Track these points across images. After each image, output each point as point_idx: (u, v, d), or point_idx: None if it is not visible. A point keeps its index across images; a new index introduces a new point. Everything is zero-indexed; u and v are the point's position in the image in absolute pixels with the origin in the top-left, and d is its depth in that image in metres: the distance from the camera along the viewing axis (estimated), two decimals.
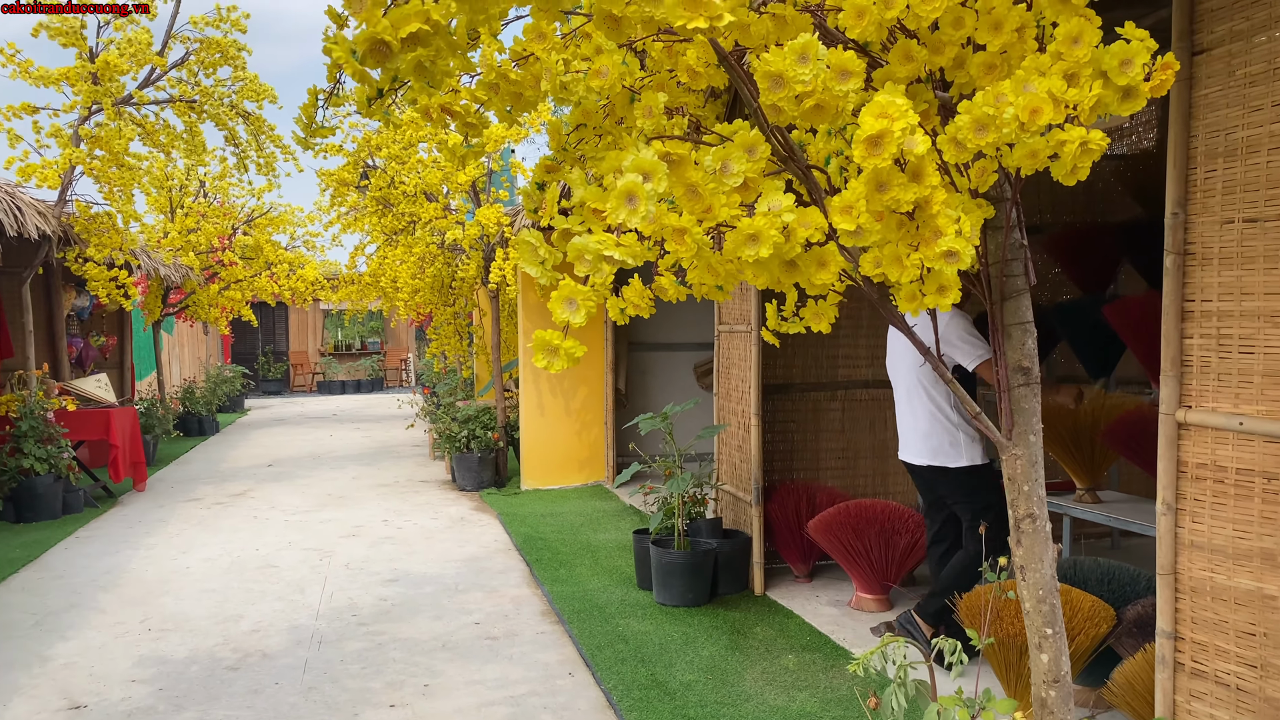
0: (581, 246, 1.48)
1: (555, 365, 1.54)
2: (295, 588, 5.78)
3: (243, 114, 9.37)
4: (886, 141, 1.45)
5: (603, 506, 8.22)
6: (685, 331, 9.81)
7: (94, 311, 13.39)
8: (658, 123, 1.68)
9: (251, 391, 23.13)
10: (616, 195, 1.44)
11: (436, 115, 1.78)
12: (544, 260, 1.61)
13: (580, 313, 1.52)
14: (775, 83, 1.53)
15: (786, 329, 2.11)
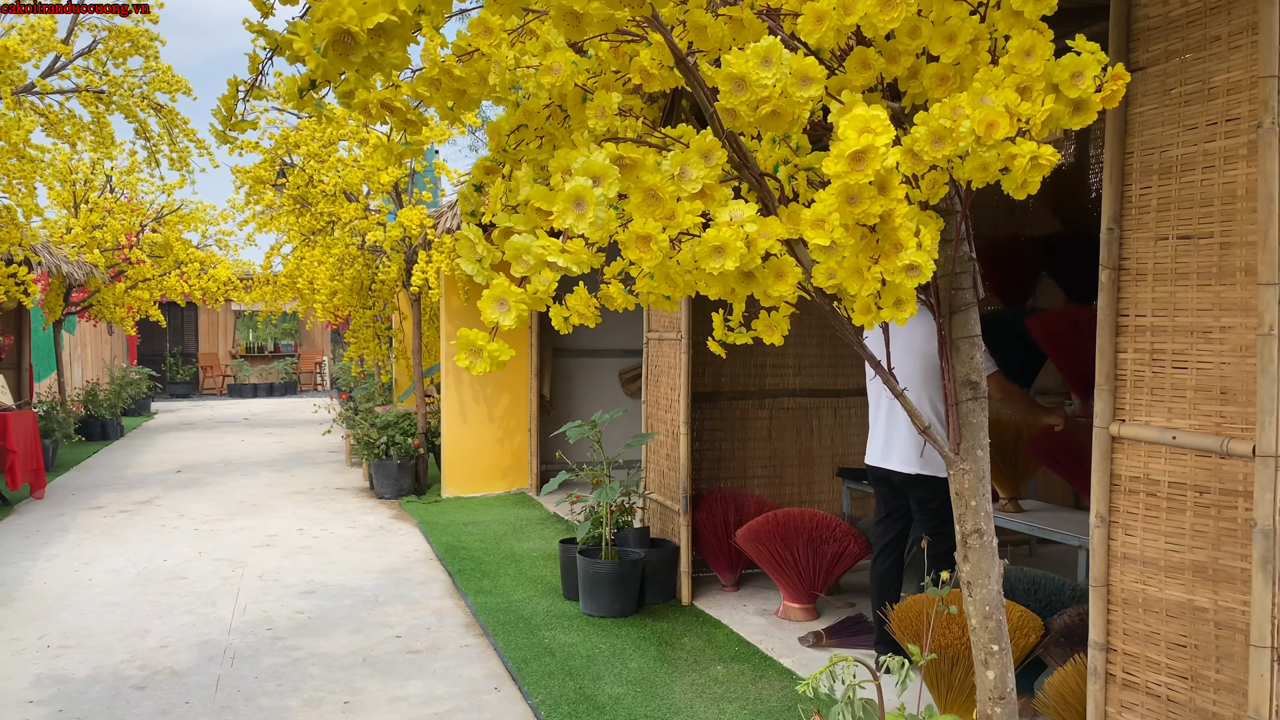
0: (521, 247, 1.41)
1: (478, 367, 1.47)
2: (206, 600, 5.55)
3: (155, 106, 9.02)
4: (871, 157, 1.41)
5: (526, 515, 8.10)
6: (611, 338, 9.75)
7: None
8: (610, 123, 1.62)
9: (158, 394, 22.34)
10: (564, 198, 1.38)
11: (376, 111, 1.69)
12: (482, 259, 1.53)
13: (512, 315, 1.45)
14: (738, 85, 1.48)
15: (734, 339, 2.06)
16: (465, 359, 1.47)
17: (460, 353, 1.48)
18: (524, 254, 1.39)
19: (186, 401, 22.45)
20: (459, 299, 8.96)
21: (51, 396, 13.44)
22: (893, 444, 4.21)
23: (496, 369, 1.45)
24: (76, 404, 14.06)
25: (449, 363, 9.08)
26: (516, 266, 1.41)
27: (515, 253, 1.40)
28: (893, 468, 4.21)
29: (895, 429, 4.20)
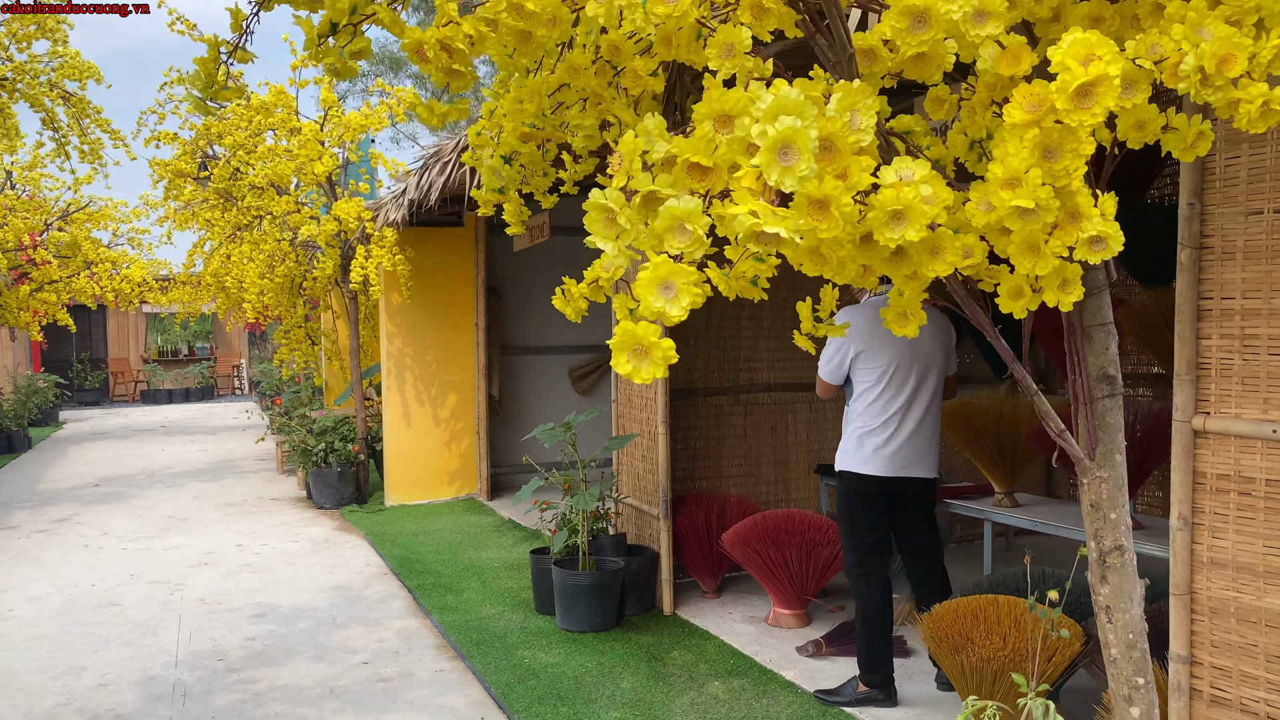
0: (684, 213, 1.09)
1: (644, 373, 1.15)
2: (145, 629, 5.06)
3: (64, 94, 8.37)
4: (1102, 91, 1.12)
5: (479, 522, 7.72)
6: (559, 334, 9.40)
7: None
8: (740, 64, 1.30)
9: (67, 403, 21.23)
10: (769, 147, 1.06)
11: (434, 53, 1.35)
12: (624, 230, 1.20)
13: (682, 300, 1.13)
14: (917, 22, 1.18)
15: (823, 332, 1.77)
16: (626, 364, 1.14)
17: (619, 357, 1.15)
18: (688, 222, 1.07)
19: (97, 409, 21.36)
20: (399, 296, 8.52)
21: None
22: (917, 451, 3.91)
23: (662, 374, 1.13)
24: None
25: (390, 363, 8.64)
26: (672, 240, 1.09)
27: (673, 222, 1.08)
28: (917, 474, 3.91)
29: (919, 436, 3.91)
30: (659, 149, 1.17)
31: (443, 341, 8.75)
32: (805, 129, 1.04)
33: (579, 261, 7.46)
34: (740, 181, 1.08)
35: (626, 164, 1.20)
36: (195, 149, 9.61)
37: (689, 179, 1.14)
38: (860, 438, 3.91)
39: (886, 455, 3.86)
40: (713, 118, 1.11)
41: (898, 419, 3.87)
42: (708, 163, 1.11)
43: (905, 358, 3.88)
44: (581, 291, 1.66)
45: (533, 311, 9.31)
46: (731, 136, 1.09)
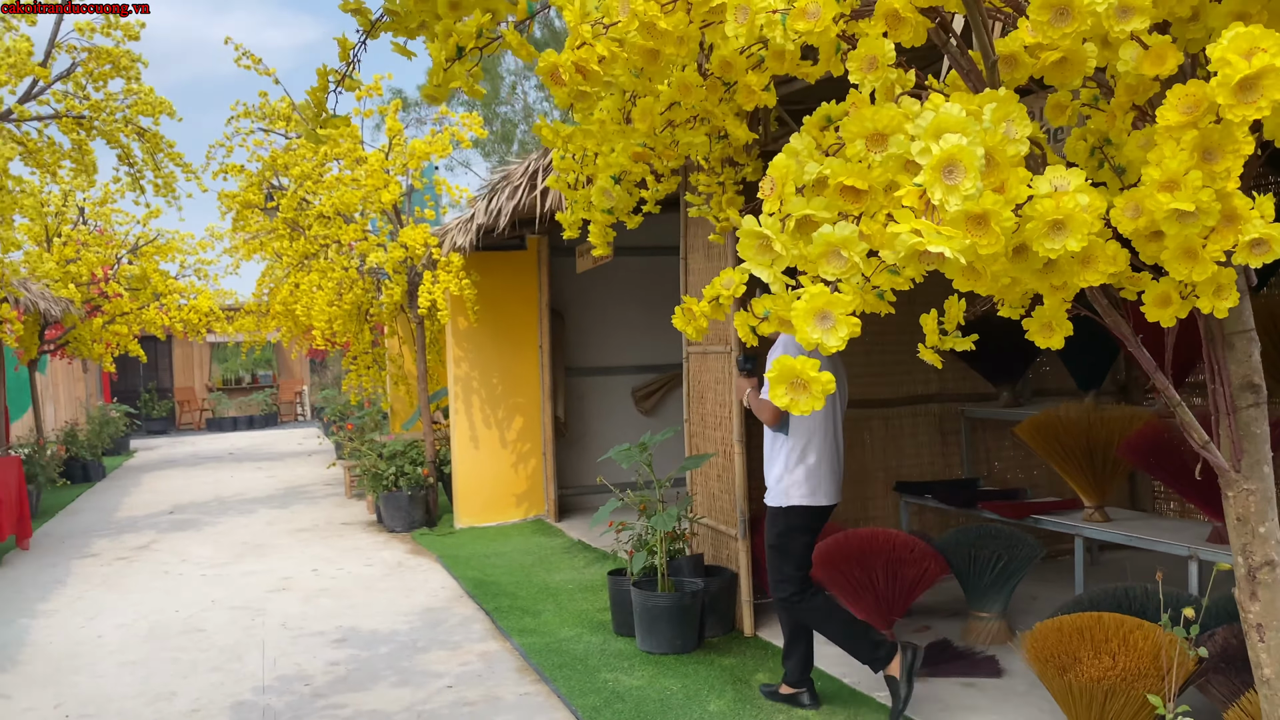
0: (840, 240, 1.07)
1: (802, 405, 1.12)
2: (231, 655, 5.12)
3: (138, 130, 8.60)
4: (1268, 85, 1.08)
5: (549, 543, 7.72)
6: (621, 354, 9.40)
7: None
8: (883, 76, 1.28)
9: (136, 432, 21.71)
10: (934, 166, 1.03)
11: (570, 76, 1.35)
12: (778, 257, 1.18)
13: (840, 330, 1.10)
14: (1059, 15, 1.15)
15: (950, 345, 1.73)
16: (784, 396, 1.12)
17: (776, 388, 1.13)
18: (843, 248, 1.05)
19: (165, 438, 21.83)
20: (465, 320, 8.58)
21: (30, 439, 12.87)
22: (835, 478, 4.09)
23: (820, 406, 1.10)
24: (59, 446, 13.50)
25: (457, 386, 8.70)
26: (825, 265, 1.07)
27: (828, 248, 1.06)
28: (836, 501, 4.11)
29: (834, 461, 4.08)
30: (810, 170, 1.15)
31: (508, 364, 8.79)
32: (971, 147, 1.01)
33: (640, 282, 7.52)
34: (901, 201, 1.05)
35: (779, 188, 1.17)
36: (262, 180, 9.81)
37: (842, 201, 1.11)
38: (810, 469, 4.01)
39: (833, 483, 4.06)
40: (864, 136, 1.09)
41: (836, 446, 4.08)
42: (862, 185, 1.08)
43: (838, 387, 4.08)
44: (703, 310, 1.64)
45: (595, 332, 9.33)
46: (888, 155, 1.06)
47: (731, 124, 1.74)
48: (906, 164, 1.04)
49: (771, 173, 1.17)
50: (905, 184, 1.04)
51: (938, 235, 1.03)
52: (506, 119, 26.73)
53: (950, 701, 4.02)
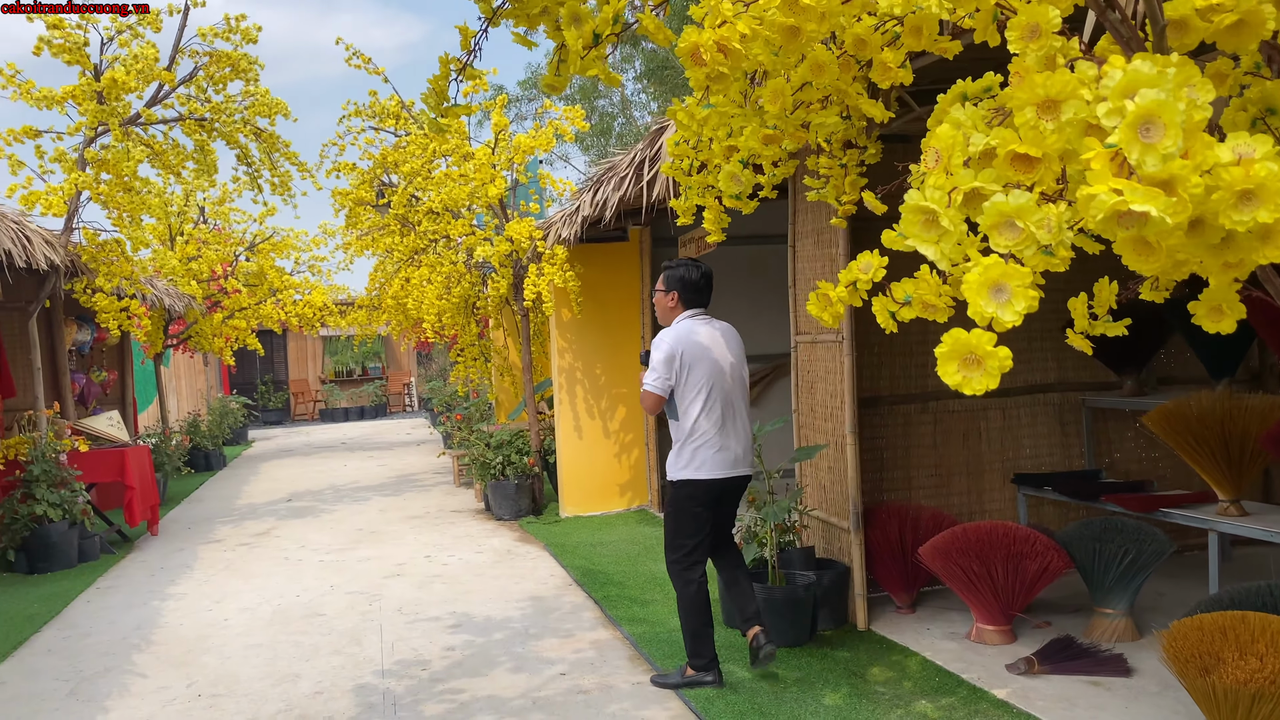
0: (1013, 209, 1.01)
1: (975, 383, 1.08)
2: (350, 639, 5.27)
3: (255, 131, 8.90)
4: None
5: (654, 533, 7.73)
6: None
7: (94, 346, 12.85)
8: (1047, 45, 1.22)
9: (253, 422, 22.56)
10: (1130, 123, 0.97)
11: (711, 54, 1.32)
12: (945, 233, 1.13)
13: (1017, 304, 1.05)
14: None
15: (1100, 331, 1.64)
16: (955, 374, 1.08)
17: (947, 365, 1.09)
18: (1018, 218, 1.00)
19: (280, 428, 22.63)
20: (569, 311, 8.64)
21: (156, 429, 13.48)
22: (746, 451, 4.36)
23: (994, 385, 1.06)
24: (184, 436, 14.11)
25: (561, 377, 8.77)
26: (999, 237, 1.02)
27: (1001, 218, 1.01)
28: (742, 472, 4.35)
29: (741, 437, 4.34)
30: (977, 141, 1.10)
31: (611, 355, 8.83)
32: (1171, 101, 0.94)
33: (742, 272, 7.46)
34: (1092, 165, 0.99)
35: (946, 159, 1.13)
36: (373, 178, 10.04)
37: (1012, 172, 1.06)
38: (696, 448, 4.24)
39: (726, 458, 4.26)
40: (1035, 104, 1.03)
41: (729, 422, 4.28)
42: (1036, 153, 1.03)
43: (718, 369, 4.28)
44: (840, 295, 1.60)
45: None
46: (1066, 121, 1.01)
47: (865, 104, 1.69)
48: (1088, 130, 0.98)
49: (935, 144, 1.12)
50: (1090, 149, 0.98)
51: (1141, 194, 0.96)
52: (604, 112, 26.88)
53: (1077, 700, 3.88)
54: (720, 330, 4.42)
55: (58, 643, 5.49)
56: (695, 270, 4.38)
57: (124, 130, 7.72)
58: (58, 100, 7.50)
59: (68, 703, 4.48)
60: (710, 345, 4.30)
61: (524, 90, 28.27)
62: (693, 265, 4.39)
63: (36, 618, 6.01)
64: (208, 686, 4.60)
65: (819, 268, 5.15)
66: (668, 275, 4.40)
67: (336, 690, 4.46)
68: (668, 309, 4.42)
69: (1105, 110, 0.97)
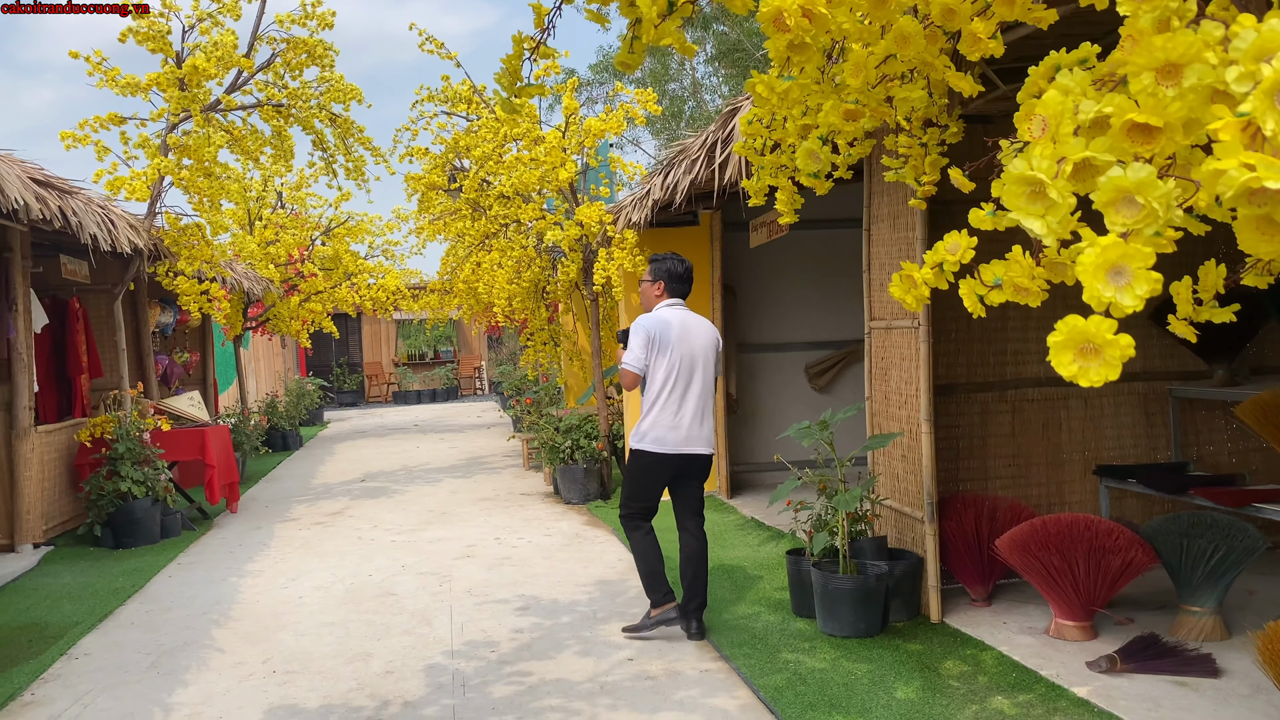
0: (1132, 184, 0.94)
1: (1093, 374, 1.01)
2: (421, 619, 5.33)
3: (330, 116, 9.02)
4: None
5: (722, 520, 7.68)
6: (794, 331, 9.24)
7: (177, 328, 13.20)
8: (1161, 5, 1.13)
9: (329, 404, 23.02)
10: (1265, 90, 0.90)
11: (795, 20, 1.26)
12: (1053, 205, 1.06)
13: (1138, 288, 0.98)
14: None
15: (1205, 317, 1.55)
16: (1070, 364, 1.01)
17: (1061, 355, 1.02)
18: (1138, 193, 0.92)
19: (355, 410, 23.06)
20: (639, 297, 8.59)
21: (235, 410, 13.82)
22: (703, 430, 4.79)
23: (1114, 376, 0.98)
24: (262, 416, 14.44)
25: None
26: (1116, 215, 0.95)
27: (1118, 194, 0.94)
28: (698, 450, 4.78)
29: (705, 416, 4.81)
30: (1087, 109, 1.02)
31: None
32: None
33: (814, 256, 7.35)
34: (1220, 135, 0.91)
35: (1054, 127, 1.05)
36: (445, 163, 10.12)
37: (1129, 142, 0.98)
38: (653, 423, 4.75)
39: (675, 436, 4.72)
40: (1154, 69, 0.95)
41: (685, 405, 4.72)
42: (1157, 122, 0.95)
43: (687, 356, 4.75)
44: (925, 277, 1.53)
45: (767, 308, 9.20)
46: (1191, 86, 0.93)
47: (953, 77, 1.61)
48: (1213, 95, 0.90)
49: (1041, 111, 1.04)
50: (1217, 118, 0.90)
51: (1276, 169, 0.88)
52: (675, 95, 26.73)
53: (1162, 701, 3.74)
54: (694, 321, 4.91)
55: (140, 616, 5.65)
56: (680, 264, 4.97)
57: (205, 116, 7.88)
58: (142, 87, 7.68)
59: (149, 675, 4.60)
60: (683, 333, 4.79)
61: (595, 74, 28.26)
62: (678, 260, 4.98)
63: (121, 591, 6.19)
64: (282, 663, 4.69)
65: (895, 252, 5.03)
66: (655, 267, 4.98)
67: (407, 670, 4.51)
68: (653, 297, 4.99)
69: (1236, 75, 0.88)
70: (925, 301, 1.60)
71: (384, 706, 4.08)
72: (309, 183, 13.72)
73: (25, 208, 5.43)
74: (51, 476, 7.86)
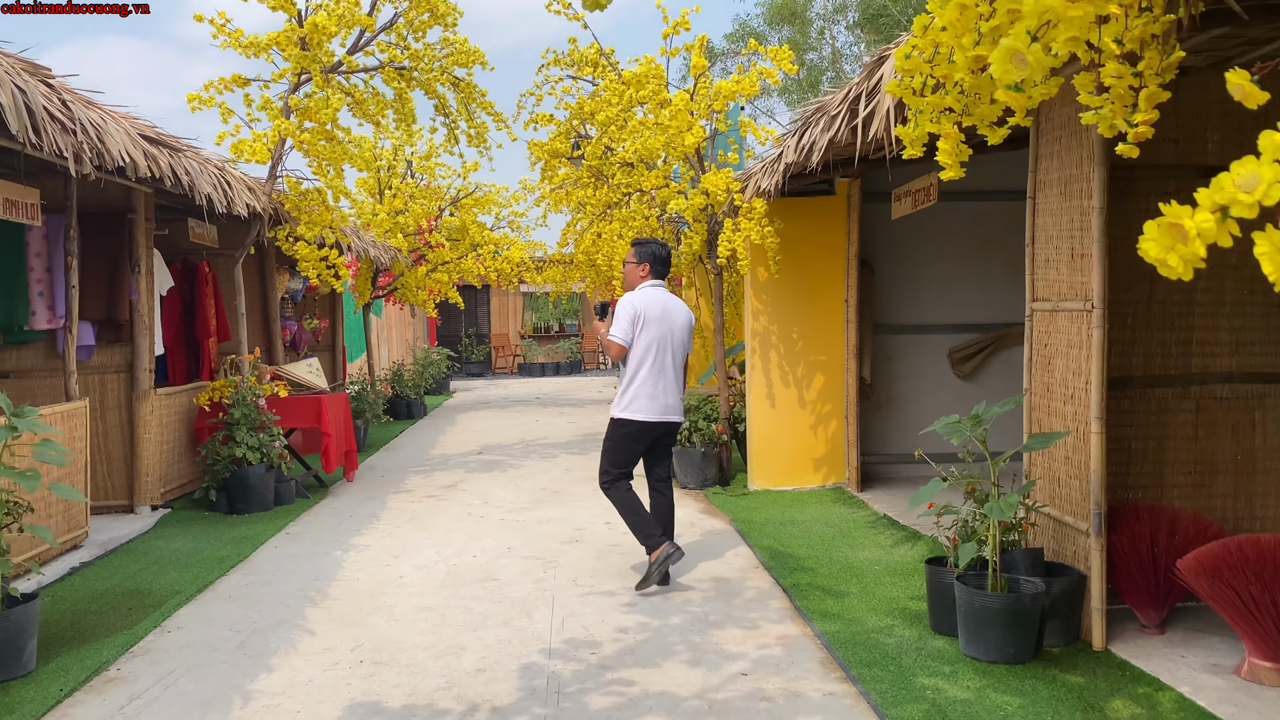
0: None
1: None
2: (521, 609, 4.98)
3: (453, 81, 8.75)
4: None
5: (850, 515, 7.11)
6: (937, 311, 8.54)
7: (307, 294, 13.31)
8: None
9: (456, 374, 23.22)
10: None
11: None
12: None
13: None
14: None
15: None
16: None
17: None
18: None
19: (481, 380, 23.20)
20: (766, 270, 8.06)
21: (362, 377, 13.90)
22: (677, 400, 5.34)
23: None
24: (385, 384, 14.50)
25: (754, 341, 8.23)
26: None
27: None
28: (673, 419, 5.36)
29: (679, 388, 5.36)
30: None
31: (809, 319, 8.20)
32: None
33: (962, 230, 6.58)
34: None
35: None
36: (569, 129, 9.75)
37: None
38: (635, 394, 5.24)
39: (656, 405, 5.24)
40: None
41: (663, 377, 5.23)
42: None
43: (666, 333, 5.25)
44: (1200, 226, 1.00)
45: (908, 286, 8.52)
46: None
47: None
48: None
49: None
50: None
51: None
52: (813, 66, 25.80)
53: None
54: (673, 301, 5.41)
55: (240, 589, 5.49)
56: (663, 248, 5.48)
57: (324, 78, 7.69)
58: (263, 46, 7.54)
59: (235, 656, 4.38)
60: (664, 312, 5.30)
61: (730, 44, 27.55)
62: (661, 244, 5.48)
63: (225, 560, 6.08)
64: (371, 652, 4.40)
65: (1065, 223, 4.37)
66: (640, 250, 5.44)
67: (499, 669, 4.15)
68: (638, 277, 5.42)
69: None
70: (1197, 262, 1.07)
71: (471, 712, 3.72)
72: (438, 153, 13.61)
73: (132, 165, 5.28)
74: (171, 439, 7.87)
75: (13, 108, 3.83)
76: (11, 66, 4.04)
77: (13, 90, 3.87)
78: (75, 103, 4.70)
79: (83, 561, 6.08)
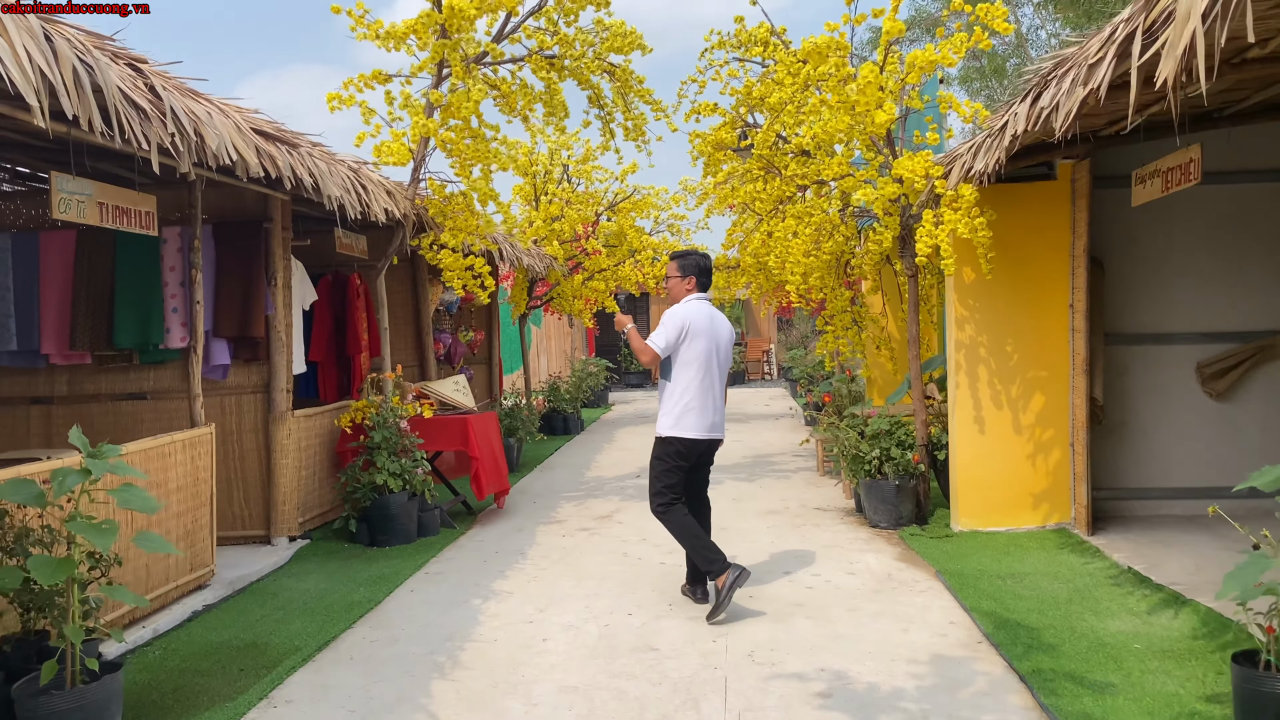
0: None
1: None
2: (685, 696, 4.00)
3: (608, 69, 7.90)
4: None
5: (1084, 566, 5.81)
6: (1185, 317, 7.09)
7: (462, 306, 12.81)
8: None
9: (614, 385, 22.57)
10: None
11: None
12: None
13: None
14: None
15: None
16: None
17: None
18: None
19: (640, 392, 22.45)
20: (974, 270, 6.84)
21: (516, 391, 13.29)
22: (721, 417, 5.27)
23: None
24: (539, 401, 13.88)
25: (959, 354, 7.00)
26: None
27: None
28: (719, 436, 5.27)
29: (720, 407, 5.27)
30: None
31: (1025, 328, 6.91)
32: None
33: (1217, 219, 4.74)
34: None
35: None
36: (736, 118, 8.76)
37: None
38: (683, 411, 5.15)
39: (705, 422, 5.17)
40: None
41: (710, 393, 5.20)
42: None
43: (712, 347, 5.24)
44: None
45: (1146, 287, 7.11)
46: None
47: None
48: None
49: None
50: None
51: None
52: (995, 53, 23.89)
53: None
54: (719, 316, 5.35)
55: (363, 647, 4.75)
56: (705, 260, 5.42)
57: (466, 68, 6.98)
58: (400, 36, 6.89)
59: None
60: (709, 326, 5.25)
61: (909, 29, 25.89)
62: (703, 255, 5.44)
63: (356, 607, 5.39)
64: None
65: None
66: (684, 263, 5.37)
67: None
68: (683, 290, 5.37)
69: None
70: None
71: None
72: (595, 155, 12.90)
73: (242, 163, 4.62)
74: (310, 464, 7.32)
75: (72, 87, 3.16)
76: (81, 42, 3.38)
77: (75, 68, 3.21)
78: (169, 90, 4.05)
79: (205, 604, 5.51)
